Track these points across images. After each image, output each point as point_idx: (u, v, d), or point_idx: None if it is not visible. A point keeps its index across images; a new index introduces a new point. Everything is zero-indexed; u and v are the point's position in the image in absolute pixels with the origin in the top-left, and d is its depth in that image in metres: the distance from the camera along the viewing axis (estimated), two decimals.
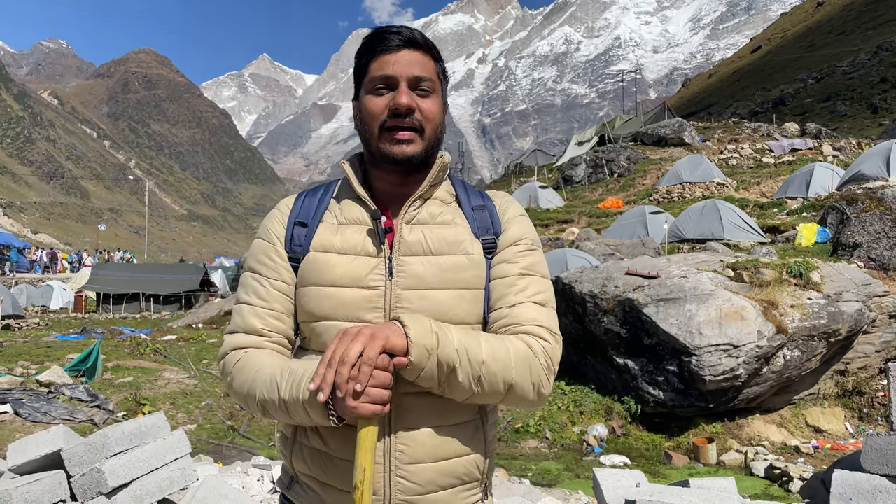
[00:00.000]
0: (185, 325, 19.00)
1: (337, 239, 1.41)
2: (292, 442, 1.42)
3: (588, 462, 7.49)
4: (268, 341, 1.43)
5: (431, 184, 1.45)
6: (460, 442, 1.37)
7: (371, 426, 1.23)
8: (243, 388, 1.37)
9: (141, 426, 3.44)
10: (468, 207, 1.48)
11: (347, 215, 1.45)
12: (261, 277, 1.45)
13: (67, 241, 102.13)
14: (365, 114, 1.42)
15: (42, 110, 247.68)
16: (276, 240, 1.46)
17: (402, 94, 1.37)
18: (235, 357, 1.42)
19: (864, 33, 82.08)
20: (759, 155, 30.41)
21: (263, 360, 1.38)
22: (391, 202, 1.45)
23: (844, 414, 8.35)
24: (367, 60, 1.42)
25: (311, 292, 1.39)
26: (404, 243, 1.40)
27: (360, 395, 1.18)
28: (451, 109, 59.15)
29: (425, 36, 1.44)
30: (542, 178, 38.48)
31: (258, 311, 1.43)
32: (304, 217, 1.47)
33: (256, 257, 1.48)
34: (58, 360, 11.75)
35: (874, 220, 13.12)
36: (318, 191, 1.53)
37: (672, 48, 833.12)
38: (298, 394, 1.26)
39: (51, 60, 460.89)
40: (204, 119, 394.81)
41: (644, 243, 15.77)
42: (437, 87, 1.43)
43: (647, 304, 8.30)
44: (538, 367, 1.34)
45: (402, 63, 1.38)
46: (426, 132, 1.41)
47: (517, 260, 1.44)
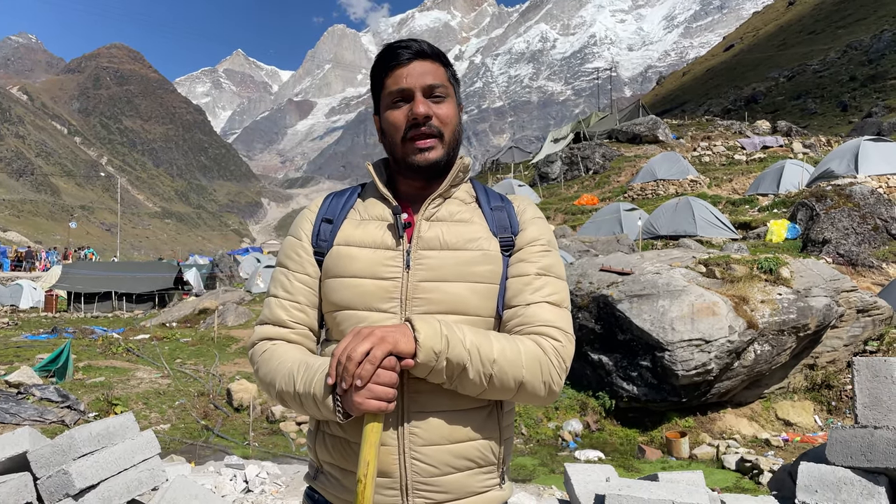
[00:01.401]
0: (159, 323, 18.78)
1: (359, 233, 1.50)
2: (315, 433, 1.50)
3: (563, 457, 7.54)
4: (293, 332, 1.51)
5: (451, 184, 1.53)
6: (473, 426, 1.42)
7: (376, 422, 1.28)
8: (266, 378, 1.46)
9: (109, 427, 3.39)
10: (487, 208, 1.56)
11: (370, 212, 1.54)
12: (287, 272, 1.55)
13: (38, 239, 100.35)
14: (387, 127, 1.51)
15: (11, 106, 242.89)
16: (303, 236, 1.56)
17: (419, 103, 1.46)
18: (262, 348, 1.51)
19: (833, 32, 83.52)
20: (732, 152, 30.82)
21: (287, 352, 1.47)
22: (414, 202, 1.54)
23: (814, 407, 8.50)
24: (382, 77, 1.51)
25: (335, 283, 1.47)
26: (423, 238, 1.47)
27: (360, 390, 1.24)
28: None
29: (432, 45, 1.52)
30: (518, 175, 38.62)
31: (284, 304, 1.52)
32: (330, 214, 1.56)
33: (285, 252, 1.58)
34: (27, 360, 11.56)
35: (843, 217, 13.37)
36: (346, 192, 1.63)
37: (647, 46, 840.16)
38: (310, 388, 1.34)
39: (20, 55, 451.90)
40: (177, 115, 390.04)
41: (619, 240, 15.91)
42: (450, 91, 1.52)
43: (622, 301, 8.37)
44: (549, 366, 1.40)
45: (415, 74, 1.47)
46: (445, 136, 1.49)
47: (534, 259, 1.50)
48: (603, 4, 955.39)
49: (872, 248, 12.78)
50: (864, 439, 3.13)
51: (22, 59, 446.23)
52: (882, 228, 13.25)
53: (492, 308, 1.46)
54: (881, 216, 13.47)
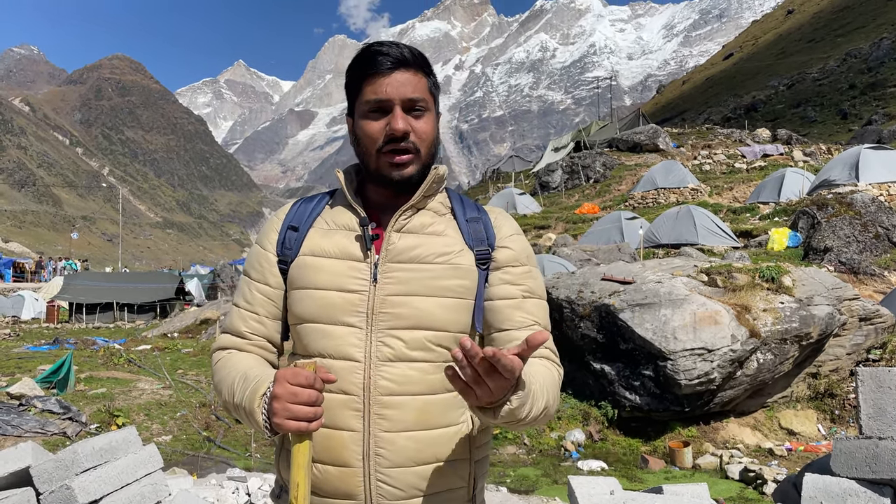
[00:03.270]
0: (160, 334, 18.76)
1: (325, 243, 1.44)
2: (279, 450, 1.46)
3: (566, 467, 7.51)
4: (249, 344, 1.48)
5: (424, 195, 1.46)
6: (443, 447, 1.37)
7: (301, 443, 1.23)
8: (217, 387, 1.43)
9: (112, 441, 3.39)
10: (462, 219, 1.50)
11: (338, 221, 1.47)
12: (250, 281, 1.51)
13: (39, 250, 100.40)
14: (361, 136, 1.44)
15: (13, 117, 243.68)
16: (267, 245, 1.51)
17: (398, 119, 1.39)
18: (218, 357, 1.49)
19: (833, 41, 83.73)
20: (732, 160, 30.84)
21: (238, 362, 1.42)
22: (383, 212, 1.47)
23: (817, 416, 8.47)
24: (359, 81, 1.43)
25: (300, 294, 1.42)
26: (392, 250, 1.41)
27: (278, 410, 1.21)
28: None
29: (415, 51, 1.44)
30: (519, 185, 38.66)
31: (243, 314, 1.49)
32: (296, 222, 1.50)
33: (250, 262, 1.54)
34: (29, 371, 11.54)
35: (844, 225, 13.37)
36: (315, 198, 1.57)
37: (646, 55, 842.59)
38: (243, 400, 1.30)
39: (22, 67, 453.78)
40: (179, 126, 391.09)
41: (620, 249, 15.90)
42: (430, 104, 1.45)
43: (623, 310, 8.36)
44: (559, 392, 1.41)
45: (395, 85, 1.39)
46: (422, 151, 1.43)
47: (520, 282, 1.47)
48: (602, 14, 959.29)
49: (874, 256, 12.77)
50: (869, 450, 3.12)
51: (24, 70, 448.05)
52: (883, 236, 13.24)
53: (464, 323, 1.41)
54: (882, 224, 13.46)
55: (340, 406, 1.35)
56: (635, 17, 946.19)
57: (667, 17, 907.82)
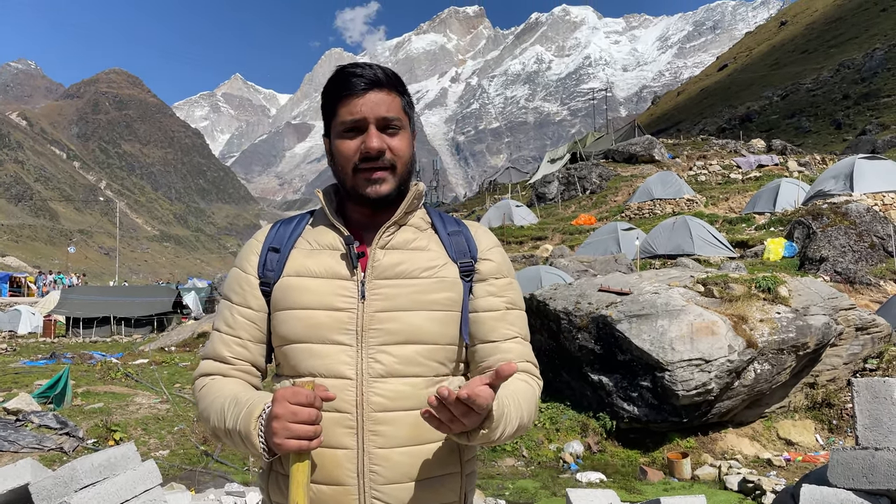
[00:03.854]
0: (158, 348, 18.71)
1: (310, 263, 1.44)
2: (268, 472, 1.44)
3: (565, 479, 7.50)
4: (233, 369, 1.47)
5: (406, 211, 1.49)
6: (436, 462, 1.38)
7: (301, 462, 1.23)
8: (203, 414, 1.41)
9: (110, 457, 3.39)
10: (444, 233, 1.52)
11: (321, 241, 1.48)
12: (231, 305, 1.50)
13: (36, 264, 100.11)
14: (337, 156, 1.46)
15: (10, 131, 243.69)
16: (248, 267, 1.50)
17: (372, 137, 1.41)
18: (201, 384, 1.47)
19: (826, 51, 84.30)
20: (727, 171, 30.97)
21: (223, 387, 1.42)
22: (365, 229, 1.49)
23: (815, 426, 8.48)
24: (334, 103, 1.45)
25: (285, 316, 1.42)
26: (377, 267, 1.43)
27: (277, 430, 1.21)
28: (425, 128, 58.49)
29: (388, 72, 1.46)
30: (515, 196, 38.74)
31: (225, 339, 1.48)
32: (277, 243, 1.50)
33: (230, 285, 1.53)
34: (26, 386, 11.49)
35: (839, 235, 13.42)
36: (294, 219, 1.57)
37: (641, 67, 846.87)
38: (237, 425, 1.29)
39: (19, 81, 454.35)
40: (176, 139, 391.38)
41: (616, 259, 15.93)
42: (404, 122, 1.47)
43: (620, 321, 8.37)
44: (536, 407, 1.44)
45: (369, 105, 1.41)
46: (398, 169, 1.45)
47: (503, 294, 1.50)
48: (597, 26, 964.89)
49: (869, 266, 12.82)
50: (866, 461, 3.14)
51: (21, 85, 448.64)
52: (879, 246, 13.30)
53: (452, 335, 1.43)
54: (877, 234, 13.52)
55: (333, 424, 1.35)
56: (630, 28, 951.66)
57: (661, 28, 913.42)
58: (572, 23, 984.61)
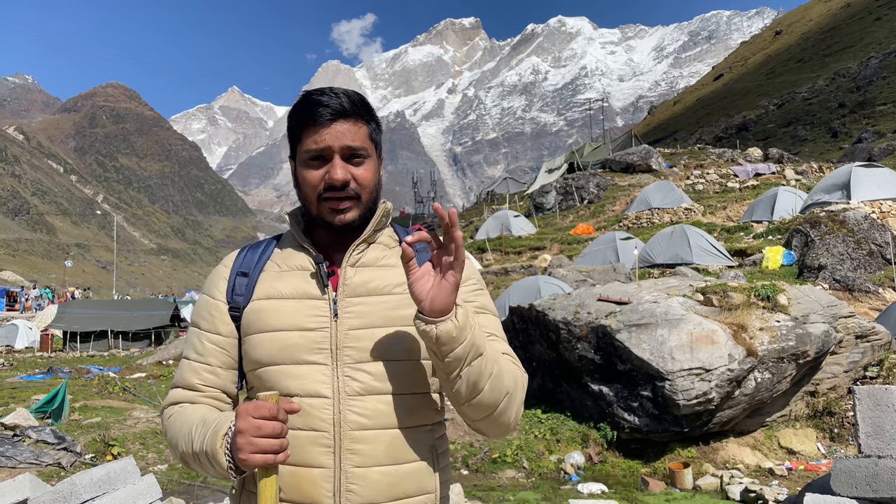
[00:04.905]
0: (155, 361, 18.63)
1: (280, 285, 1.44)
2: (240, 492, 1.42)
3: (566, 491, 7.46)
4: (202, 396, 1.45)
5: (375, 229, 1.49)
6: (413, 482, 1.38)
7: (268, 477, 1.22)
8: (172, 442, 1.40)
9: (110, 472, 3.36)
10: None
11: (290, 263, 1.48)
12: (200, 332, 1.48)
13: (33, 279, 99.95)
14: (302, 183, 1.45)
15: (7, 146, 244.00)
16: (216, 293, 1.50)
17: (337, 167, 1.40)
18: (169, 412, 1.46)
19: (821, 60, 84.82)
20: (725, 180, 31.05)
21: (191, 413, 1.40)
22: (334, 250, 1.48)
23: (816, 434, 8.45)
24: (300, 129, 1.44)
25: (256, 339, 1.41)
26: (349, 285, 1.43)
27: (243, 445, 1.19)
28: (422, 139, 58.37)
29: (355, 99, 1.45)
30: (513, 206, 38.79)
31: (194, 367, 1.46)
32: (245, 268, 1.50)
33: (199, 312, 1.52)
34: (23, 401, 11.43)
35: (837, 243, 13.44)
36: (262, 244, 1.57)
37: (637, 77, 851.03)
38: (204, 445, 1.28)
39: (16, 95, 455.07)
40: (173, 152, 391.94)
41: (615, 269, 15.94)
42: (370, 150, 1.46)
43: (620, 330, 8.36)
44: (522, 389, 1.41)
45: (334, 135, 1.40)
46: (362, 198, 1.44)
47: (471, 299, 1.49)
48: (593, 37, 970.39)
49: (868, 273, 12.83)
50: (869, 469, 3.12)
51: (18, 99, 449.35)
52: (877, 253, 13.32)
53: (426, 350, 1.41)
54: (875, 241, 13.55)
55: (309, 443, 1.34)
56: (625, 39, 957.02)
57: (656, 39, 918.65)
58: (568, 34, 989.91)
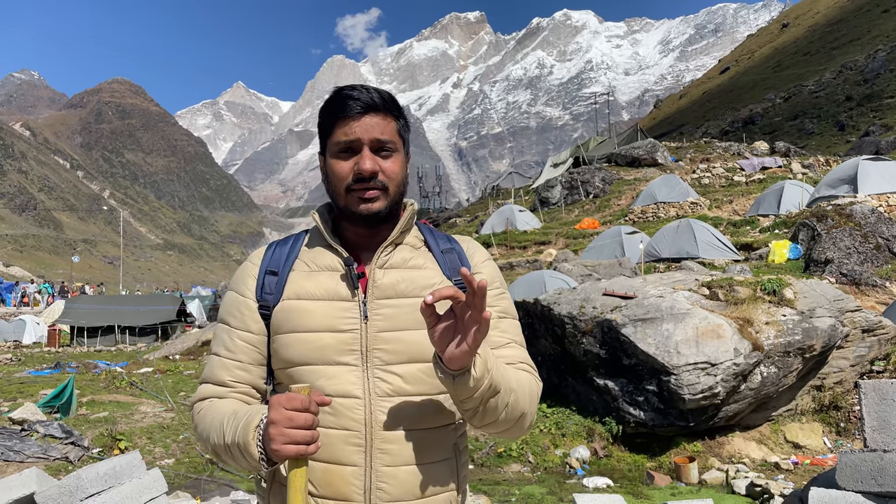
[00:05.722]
0: (162, 356, 18.72)
1: (310, 285, 1.45)
2: (270, 484, 1.44)
3: (571, 485, 7.47)
4: (232, 392, 1.47)
5: (402, 230, 1.51)
6: (437, 479, 1.41)
7: (298, 468, 1.23)
8: (203, 435, 1.43)
9: (115, 466, 3.38)
10: (437, 251, 1.55)
11: (319, 262, 1.49)
12: (229, 329, 1.50)
13: (40, 274, 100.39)
14: (331, 175, 1.49)
15: (14, 142, 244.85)
16: (245, 291, 1.51)
17: (366, 159, 1.43)
18: (199, 407, 1.48)
19: (828, 53, 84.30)
20: (731, 174, 30.92)
21: (221, 407, 1.43)
22: (361, 249, 1.51)
23: (822, 429, 8.43)
24: (330, 123, 1.48)
25: (287, 339, 1.42)
26: (378, 287, 1.44)
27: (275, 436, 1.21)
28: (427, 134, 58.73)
29: (385, 95, 1.48)
30: (518, 201, 38.73)
31: (225, 363, 1.48)
32: (274, 266, 1.51)
33: (227, 309, 1.53)
34: (31, 396, 11.51)
35: (844, 236, 13.38)
36: (289, 241, 1.58)
37: (643, 70, 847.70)
38: (236, 437, 1.30)
39: (22, 92, 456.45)
40: (179, 147, 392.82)
41: (621, 263, 15.90)
42: (398, 145, 1.49)
43: (625, 325, 8.35)
44: (537, 402, 1.45)
45: (364, 128, 1.44)
46: (390, 190, 1.47)
47: (494, 303, 1.51)
48: (598, 30, 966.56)
49: (875, 267, 12.77)
50: (874, 463, 3.11)
51: (24, 95, 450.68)
52: (884, 247, 13.25)
53: None
54: (882, 235, 13.47)
55: (342, 441, 1.36)
56: (631, 32, 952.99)
57: (662, 32, 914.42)
58: (573, 27, 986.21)
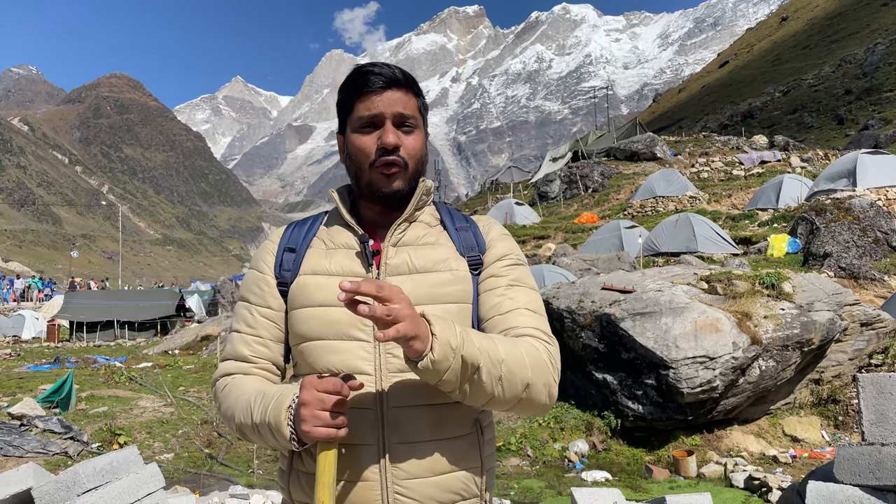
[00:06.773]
0: (161, 351, 18.73)
1: (326, 262, 1.47)
2: (289, 471, 1.44)
3: (570, 479, 7.48)
4: (255, 367, 1.48)
5: (416, 208, 1.52)
6: (456, 456, 1.38)
7: (328, 451, 1.24)
8: (227, 413, 1.43)
9: (113, 461, 3.38)
10: (453, 229, 1.54)
11: (336, 241, 1.51)
12: (250, 305, 1.52)
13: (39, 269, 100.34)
14: (353, 151, 1.49)
15: (12, 137, 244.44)
16: (265, 268, 1.53)
17: (389, 132, 1.44)
18: (223, 384, 1.48)
19: (827, 47, 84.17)
20: (730, 168, 30.91)
21: (246, 384, 1.43)
22: (378, 228, 1.52)
23: (821, 422, 8.44)
24: (352, 99, 1.48)
25: (302, 314, 1.43)
26: (391, 264, 1.45)
27: (307, 417, 1.22)
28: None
29: (406, 73, 1.50)
30: (517, 195, 38.69)
31: (246, 339, 1.50)
32: (293, 244, 1.53)
33: (247, 286, 1.55)
34: (30, 391, 11.51)
35: (843, 230, 13.37)
36: (308, 220, 1.61)
37: (642, 64, 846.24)
38: (266, 416, 1.30)
39: (20, 86, 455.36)
40: (177, 142, 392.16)
41: (620, 258, 15.91)
42: (419, 122, 1.51)
43: (624, 319, 8.35)
44: (548, 367, 1.37)
45: (387, 102, 1.45)
46: (410, 166, 1.48)
47: (504, 273, 1.50)
48: (597, 24, 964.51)
49: (874, 261, 12.77)
50: (872, 457, 3.11)
51: (23, 90, 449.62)
52: (883, 241, 13.25)
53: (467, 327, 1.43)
54: (881, 228, 13.48)
55: (354, 419, 1.34)
56: (630, 26, 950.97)
57: (661, 26, 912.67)
58: (572, 21, 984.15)
